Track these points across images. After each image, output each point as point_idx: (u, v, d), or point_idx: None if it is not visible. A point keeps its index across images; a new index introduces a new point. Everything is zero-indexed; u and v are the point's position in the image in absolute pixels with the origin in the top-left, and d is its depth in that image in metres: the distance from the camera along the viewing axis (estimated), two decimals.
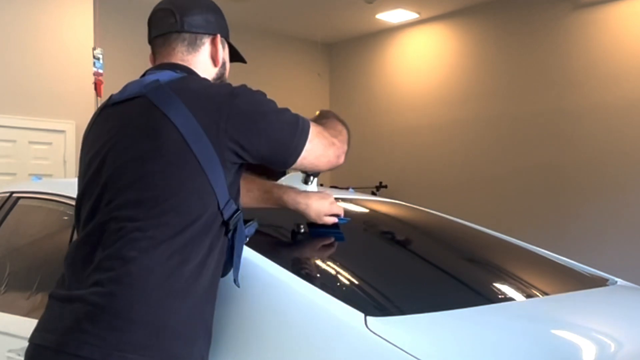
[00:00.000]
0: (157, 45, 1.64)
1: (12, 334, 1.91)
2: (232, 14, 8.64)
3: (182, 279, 1.33)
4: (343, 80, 8.41)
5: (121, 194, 1.39)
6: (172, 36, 1.60)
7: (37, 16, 5.63)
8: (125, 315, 1.28)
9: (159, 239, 1.33)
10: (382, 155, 7.82)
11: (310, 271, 1.70)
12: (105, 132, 1.51)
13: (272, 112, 1.47)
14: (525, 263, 2.20)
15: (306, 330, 1.36)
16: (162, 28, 1.62)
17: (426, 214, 2.50)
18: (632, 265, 5.45)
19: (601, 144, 6.08)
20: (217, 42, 1.64)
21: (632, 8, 5.96)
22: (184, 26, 1.59)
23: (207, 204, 1.38)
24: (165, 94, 1.43)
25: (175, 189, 1.36)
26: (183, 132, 1.37)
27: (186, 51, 1.60)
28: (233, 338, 1.43)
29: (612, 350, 1.52)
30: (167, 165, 1.37)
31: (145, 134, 1.41)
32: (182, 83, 1.48)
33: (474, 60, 7.13)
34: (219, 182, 1.39)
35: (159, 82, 1.48)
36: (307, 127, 1.51)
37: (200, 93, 1.45)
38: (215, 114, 1.40)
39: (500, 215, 6.52)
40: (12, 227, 2.40)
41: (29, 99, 5.55)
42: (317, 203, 1.73)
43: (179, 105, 1.40)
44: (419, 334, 1.35)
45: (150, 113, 1.42)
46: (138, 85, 1.51)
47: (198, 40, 1.61)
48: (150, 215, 1.35)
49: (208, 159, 1.37)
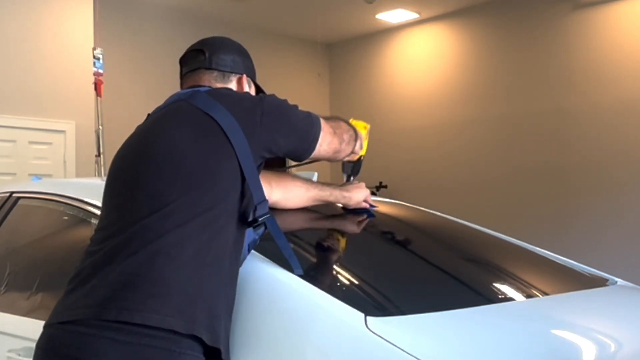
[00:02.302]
0: (187, 79, 1.77)
1: (12, 334, 1.91)
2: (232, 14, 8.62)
3: (212, 254, 1.40)
4: (343, 80, 8.41)
5: (161, 171, 1.47)
6: (201, 71, 1.74)
7: (37, 16, 5.63)
8: (163, 282, 1.33)
9: (193, 212, 1.41)
10: (382, 155, 7.82)
11: (311, 271, 1.70)
12: (143, 129, 1.61)
13: (292, 109, 1.64)
14: (525, 263, 2.20)
15: (306, 330, 1.36)
16: (192, 65, 1.76)
17: (426, 214, 2.50)
18: (632, 265, 5.45)
19: (601, 144, 6.08)
20: (243, 81, 1.77)
21: (632, 8, 5.96)
22: (212, 64, 1.74)
23: (236, 188, 1.47)
24: (204, 98, 1.56)
25: (212, 170, 1.46)
26: (223, 125, 1.49)
27: (214, 81, 1.74)
28: (233, 338, 1.43)
29: (612, 350, 1.52)
30: (208, 150, 1.47)
31: (185, 122, 1.52)
32: (217, 91, 1.62)
33: (473, 61, 7.13)
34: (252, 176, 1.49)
35: (197, 90, 1.61)
36: (317, 118, 1.68)
37: (235, 98, 1.60)
38: (251, 114, 1.53)
39: (500, 215, 6.52)
40: (12, 227, 2.40)
41: (29, 99, 5.55)
42: (357, 194, 1.96)
43: (219, 107, 1.53)
44: (419, 334, 1.35)
45: (192, 111, 1.54)
46: (176, 96, 1.65)
47: (226, 77, 1.75)
48: (184, 191, 1.43)
49: (243, 151, 1.49)
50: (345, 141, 1.77)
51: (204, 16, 7.25)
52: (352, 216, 2.04)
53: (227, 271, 1.43)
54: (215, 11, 7.19)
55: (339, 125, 1.77)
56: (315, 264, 1.79)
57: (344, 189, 1.95)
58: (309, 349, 1.34)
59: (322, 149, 1.68)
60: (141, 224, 1.41)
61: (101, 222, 1.54)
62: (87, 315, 1.32)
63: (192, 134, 1.50)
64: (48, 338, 1.38)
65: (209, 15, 7.27)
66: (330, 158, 1.78)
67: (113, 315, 1.30)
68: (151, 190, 1.45)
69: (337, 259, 1.82)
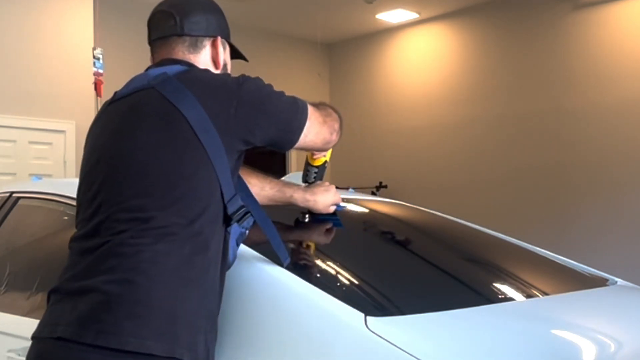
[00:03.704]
0: (157, 47, 1.65)
1: (12, 334, 1.91)
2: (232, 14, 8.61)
3: (195, 268, 1.35)
4: (343, 80, 8.41)
5: (131, 182, 1.40)
6: (172, 39, 1.61)
7: (37, 16, 5.63)
8: (144, 302, 1.29)
9: (171, 227, 1.34)
10: (382, 155, 7.82)
11: (311, 271, 1.70)
12: (111, 123, 1.51)
13: (274, 96, 1.52)
14: (525, 263, 2.20)
15: (306, 330, 1.36)
16: (162, 31, 1.63)
17: (426, 214, 2.50)
18: (632, 265, 5.45)
19: (601, 144, 6.08)
20: (217, 44, 1.64)
21: (632, 8, 5.96)
22: (184, 29, 1.60)
23: (214, 193, 1.40)
24: (173, 86, 1.45)
25: (186, 176, 1.38)
26: (192, 123, 1.39)
27: (187, 51, 1.61)
28: (233, 337, 1.43)
29: (612, 350, 1.52)
30: (177, 154, 1.39)
31: (154, 123, 1.42)
32: (189, 74, 1.50)
33: (473, 60, 7.13)
34: (224, 174, 1.41)
35: (167, 74, 1.49)
36: (304, 106, 1.56)
37: (208, 83, 1.47)
38: (225, 102, 1.43)
39: (500, 215, 6.51)
40: (12, 227, 2.40)
41: (29, 99, 5.55)
42: (323, 197, 1.83)
43: (188, 97, 1.42)
44: (419, 334, 1.35)
45: (160, 104, 1.43)
46: (144, 79, 1.52)
47: (199, 43, 1.62)
48: (162, 204, 1.36)
49: (215, 150, 1.40)
50: (336, 131, 1.67)
51: None
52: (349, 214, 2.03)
53: (211, 282, 1.38)
54: None
55: (329, 114, 1.67)
56: (315, 264, 1.79)
57: (309, 192, 1.81)
58: (309, 349, 1.34)
59: (308, 140, 1.57)
60: (117, 240, 1.35)
61: (79, 229, 1.47)
62: (69, 334, 1.29)
63: (161, 137, 1.40)
64: (37, 353, 1.36)
65: None
66: (319, 148, 1.70)
67: (91, 339, 1.27)
68: (126, 206, 1.38)
69: (337, 259, 1.82)
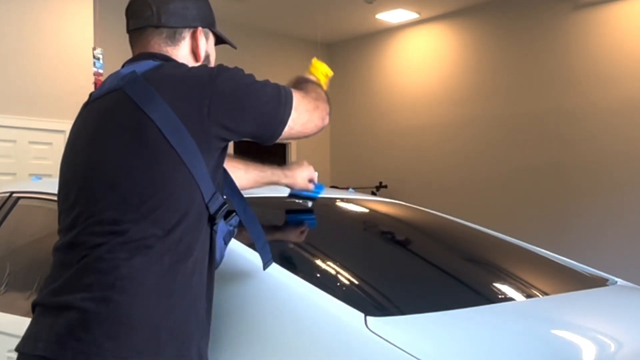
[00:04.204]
0: (134, 39, 1.55)
1: (12, 334, 1.91)
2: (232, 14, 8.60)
3: (177, 278, 1.29)
4: (343, 80, 8.40)
5: (104, 194, 1.34)
6: (149, 30, 1.51)
7: (37, 16, 5.62)
8: (122, 320, 1.24)
9: (148, 239, 1.28)
10: (382, 155, 7.82)
11: (311, 271, 1.70)
12: (83, 130, 1.46)
13: (254, 88, 1.42)
14: (525, 263, 2.20)
15: (306, 330, 1.36)
16: (137, 21, 1.52)
17: (426, 214, 2.50)
18: (632, 265, 5.45)
19: (601, 144, 6.08)
20: (197, 35, 1.54)
21: (632, 8, 5.96)
22: (161, 20, 1.50)
23: (194, 197, 1.34)
24: (141, 87, 1.36)
25: (159, 184, 1.31)
26: (161, 126, 1.32)
27: (164, 44, 1.51)
28: (232, 338, 1.43)
29: (612, 350, 1.52)
30: (148, 161, 1.32)
31: (123, 130, 1.35)
32: (158, 72, 1.40)
33: (473, 60, 7.13)
34: (202, 176, 1.34)
35: (136, 73, 1.40)
36: (290, 96, 1.47)
37: (177, 81, 1.38)
38: (196, 101, 1.34)
39: (500, 215, 6.52)
40: (12, 227, 2.40)
41: (29, 99, 5.55)
42: (300, 173, 1.93)
43: (155, 99, 1.34)
44: (419, 334, 1.35)
45: (127, 108, 1.36)
46: (116, 78, 1.45)
47: (177, 35, 1.52)
48: (138, 216, 1.30)
49: (188, 152, 1.32)
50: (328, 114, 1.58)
51: None
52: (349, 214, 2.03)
53: (196, 287, 1.33)
54: (215, 11, 7.18)
55: (318, 96, 1.58)
56: (315, 264, 1.79)
57: (286, 169, 1.90)
58: (309, 349, 1.34)
59: (294, 131, 1.48)
60: (94, 254, 1.29)
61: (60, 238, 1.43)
62: (48, 352, 1.26)
63: (131, 146, 1.33)
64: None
65: None
66: (308, 136, 1.59)
67: (69, 358, 1.23)
68: (100, 218, 1.32)
69: (337, 259, 1.82)
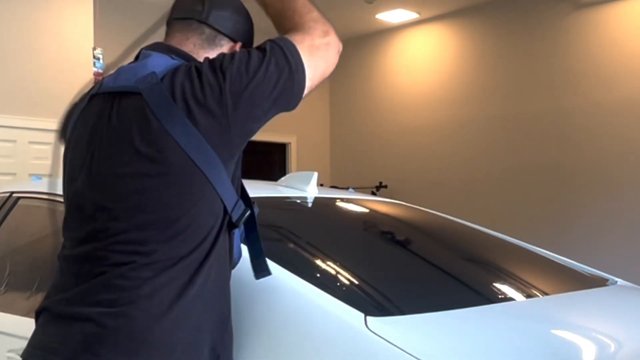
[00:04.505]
0: (173, 29, 1.47)
1: (12, 334, 1.91)
2: None
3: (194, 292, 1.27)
4: (343, 80, 8.40)
5: (127, 216, 1.28)
6: (192, 24, 1.44)
7: (37, 16, 5.62)
8: (141, 337, 1.22)
9: (173, 259, 1.26)
10: (382, 155, 7.81)
11: (311, 271, 1.70)
12: (96, 131, 1.36)
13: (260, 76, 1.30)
14: (525, 263, 2.20)
15: (306, 330, 1.36)
16: (184, 12, 1.46)
17: (426, 214, 2.50)
18: (632, 265, 5.45)
19: (601, 144, 6.08)
20: (235, 49, 1.45)
21: (632, 8, 5.96)
22: (209, 18, 1.43)
23: (217, 213, 1.31)
24: (160, 96, 1.29)
25: (186, 206, 1.27)
26: (183, 144, 1.26)
27: (199, 46, 1.44)
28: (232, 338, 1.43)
29: (612, 350, 1.52)
30: (173, 182, 1.27)
31: (144, 147, 1.28)
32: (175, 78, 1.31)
33: (474, 60, 7.13)
34: (226, 189, 1.31)
35: (156, 76, 1.32)
36: (297, 57, 1.33)
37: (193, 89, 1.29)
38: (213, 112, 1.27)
39: (500, 215, 6.52)
40: (12, 227, 2.40)
41: (29, 99, 5.55)
42: None
43: (175, 112, 1.27)
44: (419, 334, 1.35)
45: (147, 122, 1.28)
46: (132, 75, 1.36)
47: (217, 40, 1.45)
48: (164, 238, 1.26)
49: (212, 168, 1.28)
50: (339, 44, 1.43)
51: None
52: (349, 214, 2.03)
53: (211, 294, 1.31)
54: None
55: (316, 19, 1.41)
56: (315, 264, 1.79)
57: None
58: (309, 349, 1.33)
59: (314, 83, 1.38)
60: (115, 272, 1.26)
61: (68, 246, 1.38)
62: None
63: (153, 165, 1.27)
64: None
65: None
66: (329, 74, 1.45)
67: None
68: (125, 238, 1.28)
69: (338, 259, 1.82)
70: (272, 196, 2.08)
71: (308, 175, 2.28)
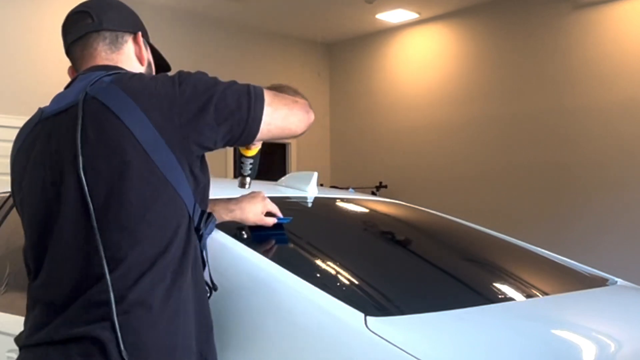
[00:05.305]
0: (77, 51, 1.50)
1: (12, 334, 1.90)
2: (232, 14, 8.58)
3: (181, 295, 1.29)
4: (343, 80, 8.41)
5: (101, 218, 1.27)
6: (92, 37, 1.48)
7: (37, 16, 5.63)
8: (140, 345, 1.24)
9: (151, 259, 1.27)
10: (382, 155, 7.82)
11: (311, 271, 1.70)
12: (51, 149, 1.37)
13: (220, 88, 1.36)
14: (525, 263, 2.20)
15: (306, 330, 1.36)
16: (78, 31, 1.49)
17: (426, 214, 2.50)
18: (632, 265, 5.45)
19: (601, 144, 6.08)
20: (139, 39, 1.54)
21: (632, 8, 5.96)
22: (103, 24, 1.48)
23: (181, 213, 1.32)
24: (116, 94, 1.31)
25: (149, 204, 1.28)
26: (142, 141, 1.28)
27: (109, 50, 1.48)
28: (232, 338, 1.43)
29: (612, 350, 1.52)
30: (137, 181, 1.27)
31: (107, 148, 1.29)
32: (127, 80, 1.35)
33: (474, 60, 7.13)
34: (184, 188, 1.32)
35: (104, 81, 1.34)
36: (259, 92, 1.40)
37: (147, 90, 1.33)
38: (168, 112, 1.30)
39: (501, 214, 6.52)
40: (12, 227, 2.40)
41: (29, 98, 5.53)
42: (249, 206, 1.64)
43: (133, 109, 1.29)
44: (419, 334, 1.35)
45: (106, 120, 1.30)
46: (76, 92, 1.37)
47: (120, 39, 1.50)
48: (137, 238, 1.27)
49: (169, 166, 1.30)
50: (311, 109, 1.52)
51: (203, 16, 7.25)
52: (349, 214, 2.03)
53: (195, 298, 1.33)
54: (214, 11, 7.19)
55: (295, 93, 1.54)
56: (315, 264, 1.79)
57: (232, 201, 1.64)
58: (309, 349, 1.34)
59: (273, 128, 1.41)
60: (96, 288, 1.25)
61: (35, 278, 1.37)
62: None
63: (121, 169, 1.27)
64: None
65: (208, 16, 7.27)
66: (294, 134, 1.50)
67: None
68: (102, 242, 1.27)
69: (337, 259, 1.82)
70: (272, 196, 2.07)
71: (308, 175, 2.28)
